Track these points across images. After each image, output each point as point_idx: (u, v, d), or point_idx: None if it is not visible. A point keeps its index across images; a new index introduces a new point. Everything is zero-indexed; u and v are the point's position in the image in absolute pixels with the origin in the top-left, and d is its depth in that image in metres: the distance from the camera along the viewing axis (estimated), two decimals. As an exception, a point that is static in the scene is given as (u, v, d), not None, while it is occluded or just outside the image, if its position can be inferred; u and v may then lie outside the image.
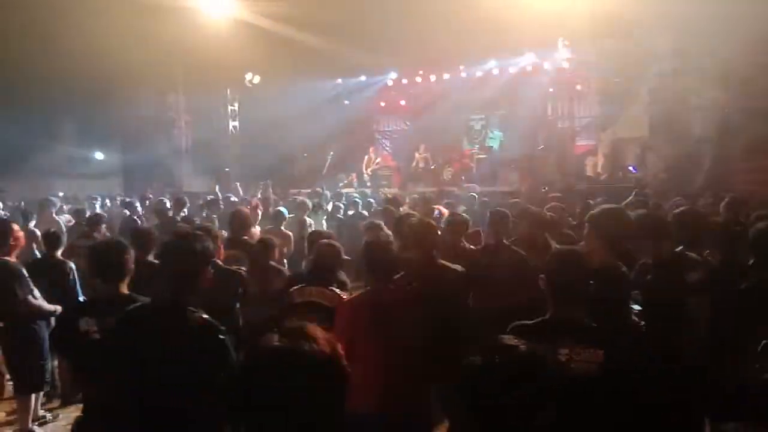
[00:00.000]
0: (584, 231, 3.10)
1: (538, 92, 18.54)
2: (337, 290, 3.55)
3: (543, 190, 12.19)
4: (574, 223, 5.88)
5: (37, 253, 6.03)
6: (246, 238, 4.97)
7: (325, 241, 3.78)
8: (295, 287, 3.49)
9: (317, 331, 1.32)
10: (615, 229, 2.91)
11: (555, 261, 2.52)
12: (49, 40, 13.95)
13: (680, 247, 3.17)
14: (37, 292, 4.63)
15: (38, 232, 6.29)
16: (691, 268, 2.95)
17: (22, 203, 11.17)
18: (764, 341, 2.43)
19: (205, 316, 2.44)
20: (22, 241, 4.88)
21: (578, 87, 18.18)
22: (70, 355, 3.06)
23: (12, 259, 4.66)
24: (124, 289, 3.07)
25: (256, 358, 1.29)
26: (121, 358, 2.41)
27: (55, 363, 4.93)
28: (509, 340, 1.49)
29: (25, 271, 4.61)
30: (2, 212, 9.96)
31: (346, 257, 3.84)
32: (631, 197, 7.73)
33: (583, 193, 10.65)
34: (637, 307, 3.09)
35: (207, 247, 2.60)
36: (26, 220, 7.33)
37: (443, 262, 3.78)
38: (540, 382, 1.36)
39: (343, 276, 3.96)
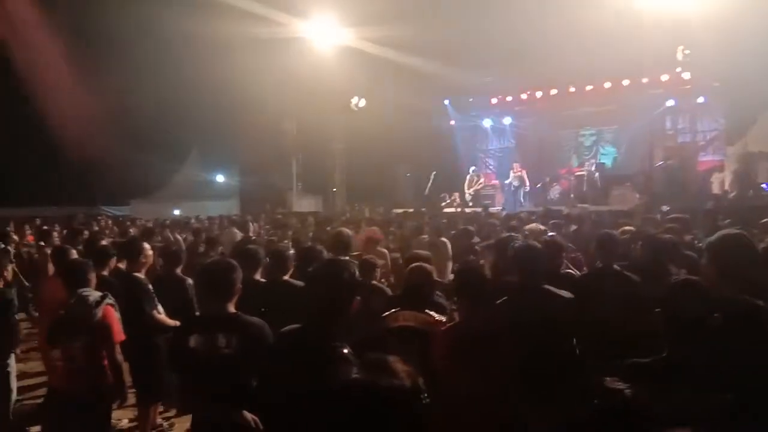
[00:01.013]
0: (703, 261, 2.78)
1: (655, 105, 17.43)
2: (433, 313, 3.46)
3: (664, 209, 11.32)
4: (700, 245, 5.37)
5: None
6: (347, 258, 5.03)
7: (416, 263, 3.70)
8: (390, 312, 3.45)
9: (397, 364, 1.28)
10: (738, 258, 2.58)
11: (672, 294, 2.29)
12: (175, 77, 15.36)
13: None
14: (161, 307, 4.99)
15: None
16: None
17: (150, 222, 12.20)
18: None
19: (346, 351, 2.35)
20: (152, 258, 5.28)
21: (700, 99, 16.81)
22: (179, 369, 3.22)
23: (141, 275, 5.06)
24: (231, 308, 3.18)
25: (334, 391, 1.27)
26: (267, 383, 2.46)
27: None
28: (612, 383, 1.35)
29: (151, 287, 4.99)
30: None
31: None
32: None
33: (710, 213, 9.75)
34: None
35: (354, 275, 2.50)
36: (151, 237, 7.98)
37: (549, 287, 3.55)
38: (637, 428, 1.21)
39: (440, 298, 3.87)
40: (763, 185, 13.42)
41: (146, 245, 5.30)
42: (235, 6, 12.72)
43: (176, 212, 18.43)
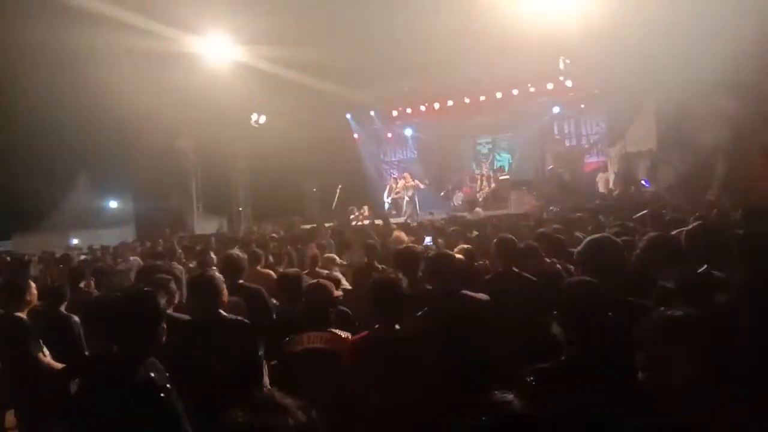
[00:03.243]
0: (577, 268, 2.90)
1: (543, 112, 18.55)
2: (337, 331, 3.37)
3: (551, 209, 12.03)
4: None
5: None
6: (241, 282, 4.83)
7: (314, 281, 3.61)
8: (290, 336, 3.32)
9: (286, 399, 1.20)
10: (605, 263, 2.70)
11: (566, 296, 2.35)
12: (61, 94, 14.26)
13: (704, 267, 2.97)
14: (46, 350, 4.54)
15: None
16: (718, 289, 2.73)
17: (26, 256, 11.21)
18: None
19: (152, 374, 2.29)
20: (36, 298, 4.83)
21: (582, 105, 18.09)
22: (64, 418, 2.92)
23: (24, 315, 4.59)
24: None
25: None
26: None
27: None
28: (501, 396, 1.34)
29: (34, 328, 4.53)
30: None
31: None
32: (645, 212, 7.50)
33: (592, 211, 10.46)
34: None
35: (156, 304, 2.50)
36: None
37: (467, 292, 3.58)
38: None
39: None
40: (643, 181, 14.60)
41: (33, 284, 4.83)
42: (123, 21, 12.03)
43: (74, 242, 17.04)
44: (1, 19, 11.96)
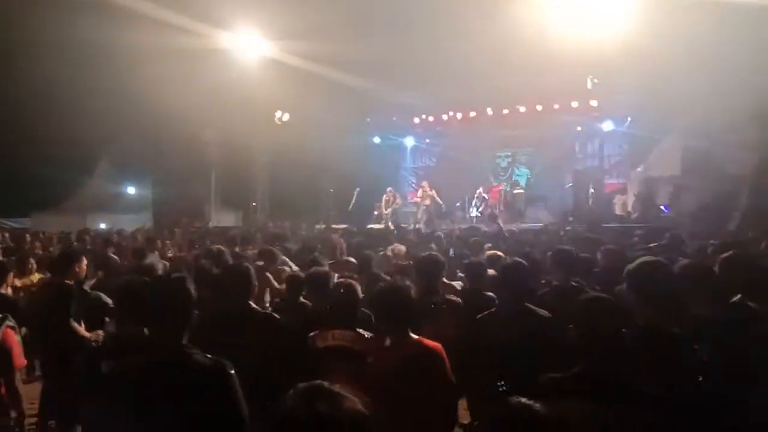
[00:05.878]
0: (623, 286, 2.87)
1: (566, 130, 18.46)
2: (361, 331, 3.36)
3: (568, 228, 11.98)
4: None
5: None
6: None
7: (342, 279, 3.61)
8: (316, 332, 3.34)
9: (339, 388, 1.20)
10: (654, 287, 2.64)
11: (584, 309, 2.40)
12: (86, 81, 14.45)
13: (738, 297, 2.96)
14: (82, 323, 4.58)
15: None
16: (756, 319, 2.72)
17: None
18: None
19: (208, 355, 2.34)
20: (83, 273, 4.98)
21: (606, 126, 17.99)
22: (90, 396, 2.96)
23: (71, 283, 4.67)
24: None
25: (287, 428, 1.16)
26: (118, 413, 2.29)
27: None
28: (521, 401, 1.37)
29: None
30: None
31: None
32: (666, 239, 7.44)
33: (614, 232, 10.39)
34: None
35: (189, 289, 2.55)
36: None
37: (530, 306, 3.49)
38: None
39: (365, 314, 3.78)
40: (662, 207, 14.46)
41: (84, 259, 5.00)
42: (154, 16, 12.20)
43: (102, 225, 17.26)
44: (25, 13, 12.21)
